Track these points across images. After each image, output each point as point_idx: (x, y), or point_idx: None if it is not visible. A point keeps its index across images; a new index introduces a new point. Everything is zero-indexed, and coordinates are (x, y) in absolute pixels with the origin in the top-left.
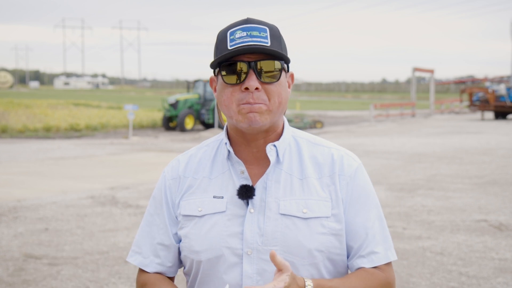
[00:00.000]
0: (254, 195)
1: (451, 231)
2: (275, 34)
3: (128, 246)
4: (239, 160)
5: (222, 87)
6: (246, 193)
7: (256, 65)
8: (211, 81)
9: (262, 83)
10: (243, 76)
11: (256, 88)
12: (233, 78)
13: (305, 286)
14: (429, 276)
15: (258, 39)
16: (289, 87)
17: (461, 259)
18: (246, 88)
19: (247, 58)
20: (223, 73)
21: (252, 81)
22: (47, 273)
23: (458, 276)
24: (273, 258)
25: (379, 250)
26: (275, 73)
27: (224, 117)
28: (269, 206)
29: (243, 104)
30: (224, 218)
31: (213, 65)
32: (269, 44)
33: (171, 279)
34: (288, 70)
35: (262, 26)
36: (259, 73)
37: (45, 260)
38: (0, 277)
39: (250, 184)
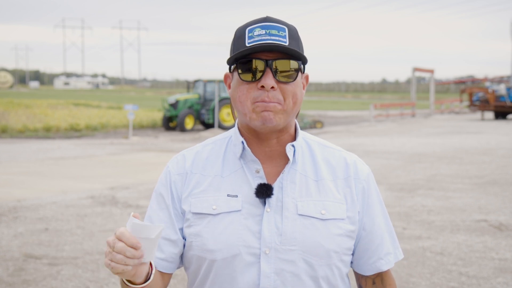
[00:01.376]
0: (272, 194)
1: (451, 231)
2: (294, 34)
3: None
4: (256, 159)
5: (238, 84)
6: (265, 192)
7: (273, 63)
8: (225, 77)
9: (278, 82)
10: (260, 74)
11: (272, 87)
12: (249, 76)
13: None
14: (429, 276)
15: (277, 38)
16: (303, 88)
17: (461, 259)
18: (262, 87)
19: (265, 56)
20: (240, 70)
21: (269, 80)
22: (47, 273)
23: (458, 276)
24: None
25: (391, 251)
26: (292, 73)
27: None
28: (287, 206)
29: (258, 102)
30: (241, 217)
31: (230, 62)
32: (287, 44)
33: (168, 275)
34: (304, 71)
35: (281, 25)
36: (275, 72)
37: (45, 260)
38: (0, 277)
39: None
